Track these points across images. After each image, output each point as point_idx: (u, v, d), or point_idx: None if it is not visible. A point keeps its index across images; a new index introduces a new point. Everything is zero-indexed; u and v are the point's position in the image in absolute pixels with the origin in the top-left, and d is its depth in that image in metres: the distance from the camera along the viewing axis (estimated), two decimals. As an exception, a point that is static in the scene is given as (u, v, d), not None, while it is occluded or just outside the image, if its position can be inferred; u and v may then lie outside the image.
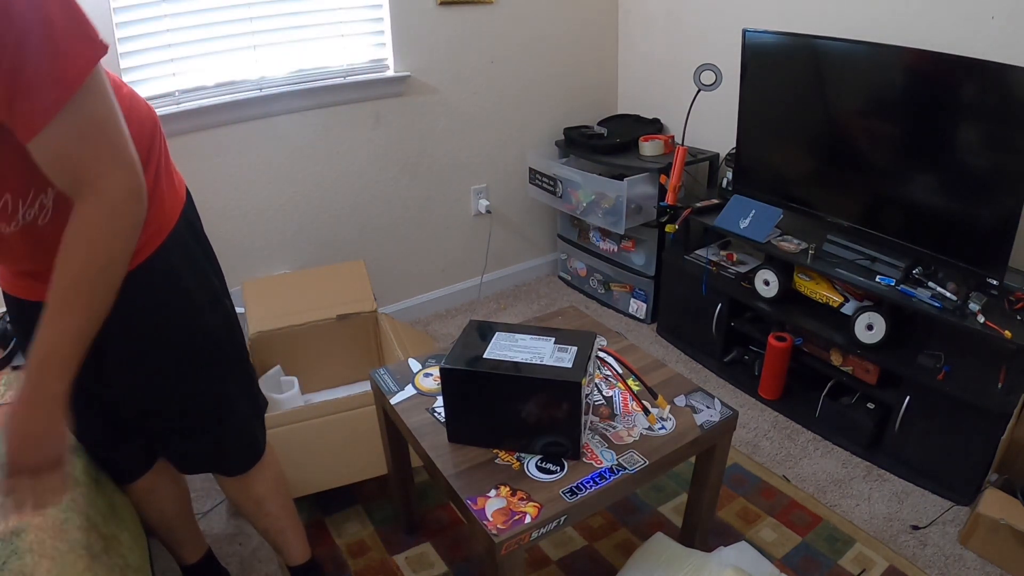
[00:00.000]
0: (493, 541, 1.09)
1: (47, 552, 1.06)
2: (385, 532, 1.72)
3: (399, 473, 1.63)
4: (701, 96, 2.23)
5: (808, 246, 2.06)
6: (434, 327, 2.70)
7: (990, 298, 1.76)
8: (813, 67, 1.99)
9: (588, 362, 1.21)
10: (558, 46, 2.69)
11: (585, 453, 1.25)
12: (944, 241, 1.78)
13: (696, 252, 2.40)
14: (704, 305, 2.34)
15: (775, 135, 2.18)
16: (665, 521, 1.74)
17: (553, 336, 1.29)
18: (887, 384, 1.91)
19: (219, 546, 1.67)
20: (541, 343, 1.26)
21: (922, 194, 1.83)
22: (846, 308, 1.99)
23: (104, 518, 1.21)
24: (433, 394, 1.44)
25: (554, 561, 1.63)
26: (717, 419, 1.35)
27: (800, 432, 2.09)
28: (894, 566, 1.60)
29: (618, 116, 2.88)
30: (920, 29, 1.87)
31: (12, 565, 1.03)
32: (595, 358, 1.29)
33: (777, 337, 2.10)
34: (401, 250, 2.62)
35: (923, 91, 1.77)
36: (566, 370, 1.18)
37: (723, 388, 2.30)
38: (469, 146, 2.62)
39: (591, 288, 2.90)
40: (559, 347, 1.25)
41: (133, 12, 1.85)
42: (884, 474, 1.91)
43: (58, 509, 1.14)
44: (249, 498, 1.34)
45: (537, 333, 1.30)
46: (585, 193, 2.59)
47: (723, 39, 2.31)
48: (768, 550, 1.64)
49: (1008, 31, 1.73)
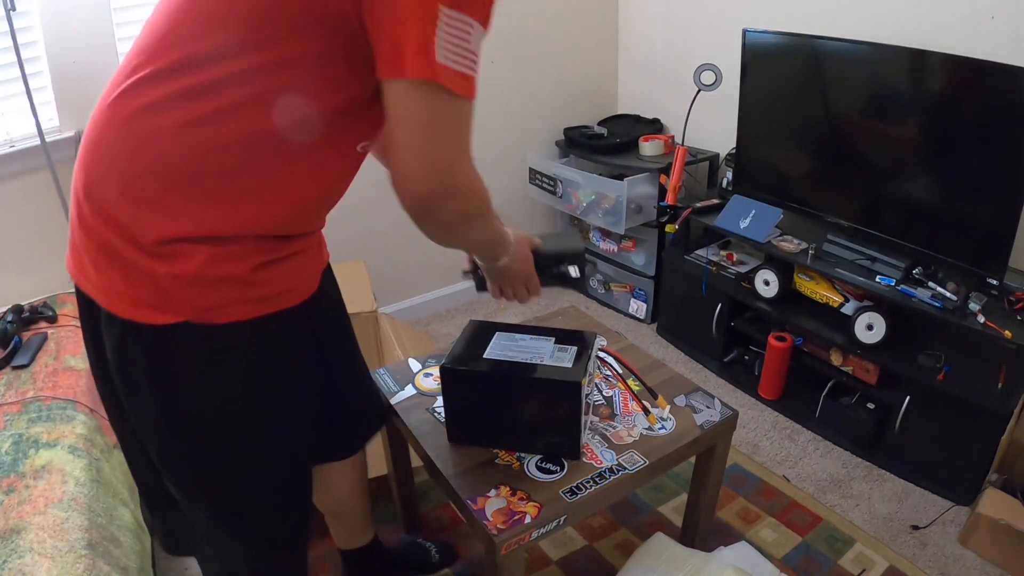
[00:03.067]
0: (493, 541, 1.09)
1: (47, 552, 1.06)
2: (385, 532, 1.72)
3: (399, 473, 1.63)
4: (701, 96, 2.23)
5: (808, 246, 2.06)
6: (434, 327, 2.70)
7: (990, 298, 1.76)
8: (813, 67, 1.99)
9: (588, 362, 1.21)
10: (558, 46, 2.69)
11: (585, 453, 1.25)
12: (944, 241, 1.78)
13: (696, 252, 2.40)
14: (704, 305, 2.34)
15: (775, 135, 2.18)
16: (665, 521, 1.74)
17: (553, 336, 1.29)
18: (887, 384, 1.91)
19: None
20: (541, 343, 1.26)
21: (922, 194, 1.83)
22: (846, 308, 1.99)
23: (105, 518, 1.21)
24: (433, 394, 1.44)
25: (554, 561, 1.63)
26: (717, 419, 1.35)
27: (800, 432, 2.09)
28: (894, 566, 1.60)
29: (618, 116, 2.88)
30: (920, 29, 1.87)
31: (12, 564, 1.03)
32: (595, 358, 1.29)
33: (777, 337, 2.10)
34: (401, 250, 2.62)
35: (923, 91, 1.77)
36: (566, 370, 1.18)
37: (723, 388, 2.30)
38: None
39: (591, 288, 2.90)
40: (559, 347, 1.25)
41: (133, 12, 1.85)
42: (884, 474, 1.91)
43: (58, 508, 1.14)
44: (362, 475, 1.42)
45: (537, 333, 1.30)
46: (585, 193, 2.59)
47: (723, 39, 2.31)
48: (768, 550, 1.64)
49: (1008, 31, 1.73)
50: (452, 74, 0.76)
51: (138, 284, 0.83)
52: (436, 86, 0.75)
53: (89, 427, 1.38)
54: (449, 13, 0.73)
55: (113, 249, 0.83)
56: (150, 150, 0.81)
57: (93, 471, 1.28)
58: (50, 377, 1.49)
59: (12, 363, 1.53)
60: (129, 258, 0.82)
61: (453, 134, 0.81)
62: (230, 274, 0.84)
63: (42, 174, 1.78)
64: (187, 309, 0.84)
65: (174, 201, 0.81)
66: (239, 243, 0.84)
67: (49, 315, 1.71)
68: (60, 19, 1.73)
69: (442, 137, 0.80)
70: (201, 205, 0.82)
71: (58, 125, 1.82)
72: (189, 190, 0.81)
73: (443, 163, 0.80)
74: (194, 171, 0.81)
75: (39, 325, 1.69)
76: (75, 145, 1.82)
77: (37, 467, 1.24)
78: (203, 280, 0.83)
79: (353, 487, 1.40)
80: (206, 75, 0.79)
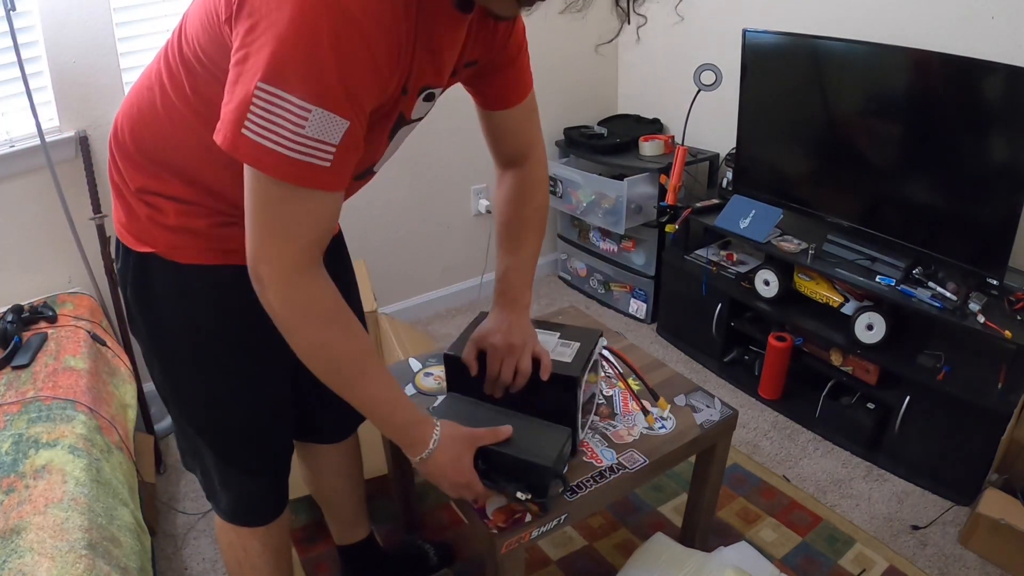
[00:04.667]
0: (494, 540, 1.09)
1: (47, 552, 1.06)
2: (385, 532, 1.72)
3: (399, 473, 1.63)
4: (701, 96, 2.23)
5: (808, 246, 2.06)
6: (434, 327, 2.70)
7: (990, 298, 1.76)
8: (813, 67, 1.99)
9: (589, 358, 1.21)
10: (558, 46, 2.69)
11: (585, 452, 1.25)
12: (944, 241, 1.78)
13: (696, 252, 2.40)
14: (704, 305, 2.34)
15: (775, 135, 2.18)
16: (665, 521, 1.74)
17: (558, 331, 1.29)
18: (887, 384, 1.91)
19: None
20: (545, 337, 1.27)
21: (922, 194, 1.83)
22: (846, 308, 1.99)
23: (105, 518, 1.21)
24: (434, 393, 1.44)
25: (554, 561, 1.63)
26: (717, 419, 1.35)
27: (800, 432, 2.09)
28: (894, 566, 1.60)
29: (618, 116, 2.88)
30: (920, 29, 1.87)
31: (12, 564, 1.03)
32: (598, 356, 1.29)
33: (777, 337, 2.10)
34: (401, 250, 2.62)
35: (923, 91, 1.77)
36: (566, 364, 1.19)
37: (723, 388, 2.30)
38: (469, 146, 2.62)
39: (591, 288, 2.90)
40: (562, 342, 1.25)
41: (133, 12, 1.85)
42: (884, 474, 1.91)
43: (58, 508, 1.14)
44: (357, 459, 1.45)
45: (542, 327, 1.30)
46: (585, 193, 2.59)
47: (723, 39, 2.31)
48: (768, 550, 1.64)
49: (1008, 31, 1.73)
50: (260, 151, 0.75)
51: (131, 217, 1.01)
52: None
53: (89, 427, 1.38)
54: (266, 88, 0.73)
55: (118, 187, 1.02)
56: (139, 117, 0.97)
57: (93, 471, 1.28)
58: (50, 377, 1.49)
59: (12, 363, 1.53)
60: (126, 196, 1.01)
61: (261, 217, 0.81)
62: (194, 227, 0.98)
63: (42, 174, 1.78)
64: (158, 245, 0.99)
65: (146, 165, 0.97)
66: (200, 205, 0.98)
67: (49, 315, 1.71)
68: (60, 19, 1.73)
69: (252, 217, 0.82)
70: (167, 174, 0.96)
71: (58, 125, 1.82)
72: (156, 160, 0.97)
73: (252, 244, 0.83)
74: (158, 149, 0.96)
75: (39, 325, 1.69)
76: (75, 145, 1.82)
77: (37, 467, 1.24)
78: (173, 227, 0.98)
79: (342, 475, 1.44)
80: (178, 76, 0.91)
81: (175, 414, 1.14)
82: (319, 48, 0.72)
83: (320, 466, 1.43)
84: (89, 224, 1.83)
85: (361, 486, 1.50)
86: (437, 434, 1.00)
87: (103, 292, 1.92)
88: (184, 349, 1.06)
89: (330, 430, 1.38)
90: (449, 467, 1.01)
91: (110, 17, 1.80)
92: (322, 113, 0.75)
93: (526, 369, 1.15)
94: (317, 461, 1.42)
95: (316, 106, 0.74)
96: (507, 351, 1.16)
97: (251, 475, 1.17)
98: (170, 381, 1.10)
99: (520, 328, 1.17)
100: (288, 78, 0.73)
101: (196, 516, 1.79)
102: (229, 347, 1.06)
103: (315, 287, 0.86)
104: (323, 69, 0.73)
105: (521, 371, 1.15)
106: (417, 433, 0.99)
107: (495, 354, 1.17)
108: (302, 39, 0.72)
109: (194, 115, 0.91)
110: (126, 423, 1.59)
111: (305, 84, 0.73)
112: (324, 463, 1.42)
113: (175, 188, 0.96)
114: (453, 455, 1.01)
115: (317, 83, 0.73)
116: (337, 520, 1.52)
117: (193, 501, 1.84)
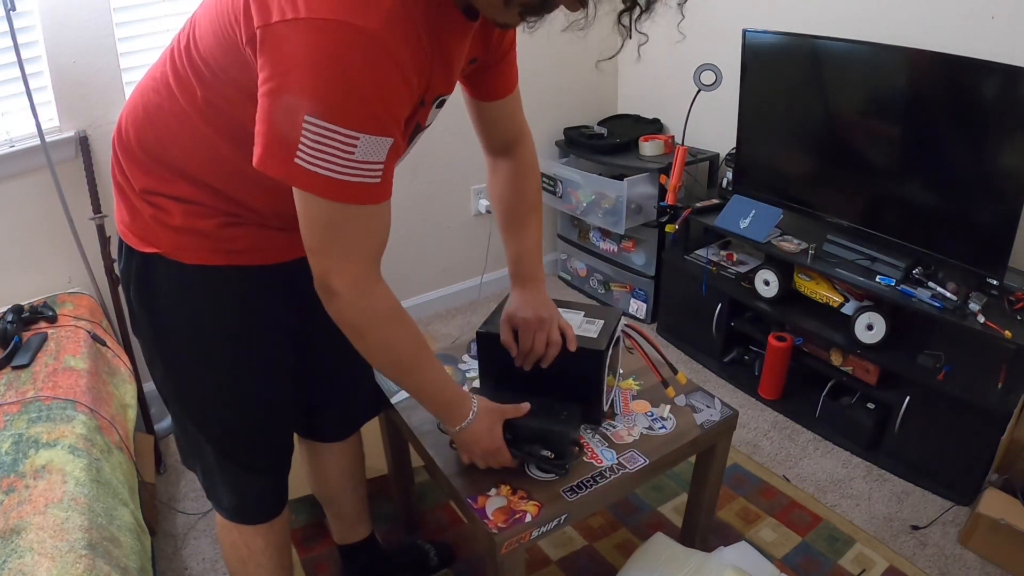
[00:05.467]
0: (494, 539, 1.09)
1: (47, 552, 1.06)
2: (385, 532, 1.72)
3: (399, 473, 1.63)
4: (701, 96, 2.23)
5: (808, 246, 2.06)
6: (434, 327, 2.70)
7: (990, 298, 1.76)
8: (813, 67, 1.99)
9: (613, 334, 1.28)
10: (558, 46, 2.69)
11: (585, 452, 1.26)
12: (944, 241, 1.78)
13: (696, 252, 2.40)
14: (704, 305, 2.34)
15: (775, 135, 2.18)
16: (665, 521, 1.74)
17: (583, 310, 1.36)
18: (887, 384, 1.91)
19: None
20: (571, 315, 1.33)
21: (922, 194, 1.83)
22: (846, 308, 1.99)
23: (105, 518, 1.21)
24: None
25: (554, 561, 1.63)
26: (717, 418, 1.35)
27: (800, 432, 2.09)
28: (894, 566, 1.60)
29: (618, 116, 2.88)
30: (920, 29, 1.87)
31: (12, 564, 1.03)
32: (620, 333, 1.35)
33: (777, 337, 2.10)
34: (401, 250, 2.62)
35: (923, 91, 1.77)
36: (592, 339, 1.26)
37: (723, 388, 2.30)
38: (469, 146, 2.60)
39: (591, 288, 2.90)
40: (588, 319, 1.32)
41: (133, 12, 1.85)
42: (884, 474, 1.91)
43: (58, 508, 1.14)
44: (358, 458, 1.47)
45: (567, 307, 1.36)
46: (585, 193, 2.59)
47: (723, 39, 2.31)
48: (768, 550, 1.64)
49: (1008, 31, 1.73)
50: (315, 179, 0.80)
51: (135, 218, 1.01)
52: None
53: (89, 427, 1.38)
54: (314, 121, 0.77)
55: (121, 187, 1.03)
56: (144, 119, 0.98)
57: (93, 471, 1.28)
58: (50, 377, 1.49)
59: (12, 363, 1.53)
60: (130, 196, 1.02)
61: (325, 237, 0.87)
62: (200, 227, 0.99)
63: (42, 174, 1.78)
64: (162, 245, 1.00)
65: (151, 166, 0.98)
66: (206, 206, 0.99)
67: (49, 315, 1.71)
68: (60, 19, 1.73)
69: (315, 237, 0.87)
70: (173, 175, 0.98)
71: (58, 125, 1.82)
72: (162, 161, 0.98)
73: (319, 261, 0.89)
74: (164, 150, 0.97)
75: (39, 325, 1.69)
76: (75, 145, 1.82)
77: (37, 467, 1.24)
78: (178, 228, 0.99)
79: (344, 474, 1.45)
80: (187, 80, 0.92)
81: (176, 412, 1.15)
82: (356, 78, 0.76)
83: (323, 465, 1.44)
84: (89, 224, 1.83)
85: (363, 485, 1.51)
86: (475, 407, 1.12)
87: (103, 292, 1.92)
88: (187, 348, 1.07)
89: (333, 429, 1.40)
90: (484, 435, 1.13)
91: (110, 17, 1.80)
92: (368, 138, 0.80)
93: (557, 340, 1.23)
94: (320, 460, 1.44)
95: (363, 133, 0.79)
96: (538, 324, 1.23)
97: (252, 472, 1.18)
98: (172, 380, 1.11)
99: (544, 302, 1.26)
100: (334, 112, 0.77)
101: (196, 516, 1.79)
102: (231, 346, 1.08)
103: (380, 291, 0.94)
104: (364, 99, 0.78)
105: (552, 342, 1.23)
106: (459, 407, 1.11)
107: (527, 327, 1.24)
108: (339, 70, 0.75)
109: (202, 119, 0.93)
110: (126, 423, 1.59)
111: (350, 116, 0.78)
112: (327, 462, 1.44)
113: (181, 189, 0.98)
114: (488, 424, 1.13)
115: (361, 113, 0.78)
116: (339, 519, 1.53)
117: (193, 501, 1.84)
